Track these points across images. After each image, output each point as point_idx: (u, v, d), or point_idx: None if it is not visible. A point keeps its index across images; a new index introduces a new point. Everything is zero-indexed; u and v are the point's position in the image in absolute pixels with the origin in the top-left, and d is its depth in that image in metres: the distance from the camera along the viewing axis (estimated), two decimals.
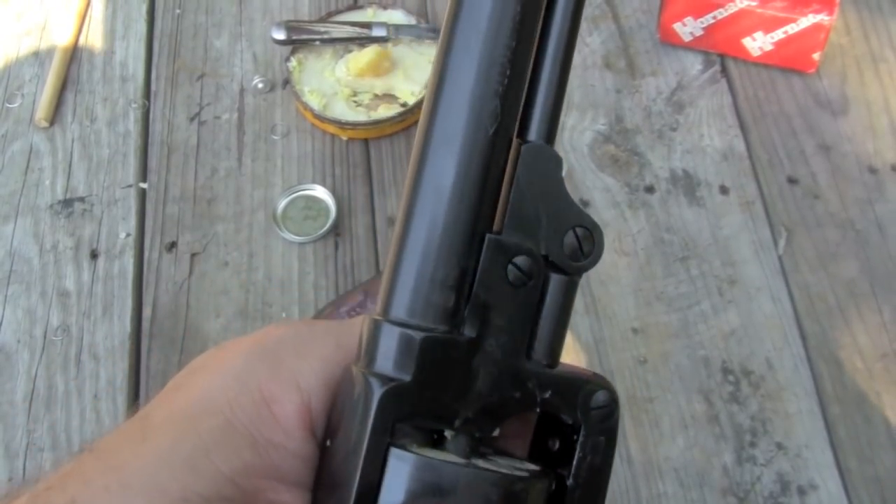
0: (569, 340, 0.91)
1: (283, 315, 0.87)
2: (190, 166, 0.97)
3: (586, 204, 0.92)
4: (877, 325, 0.85)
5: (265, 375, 0.28)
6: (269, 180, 0.95)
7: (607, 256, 0.88)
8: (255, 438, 0.27)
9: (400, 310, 0.28)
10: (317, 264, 0.90)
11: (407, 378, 0.27)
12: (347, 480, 0.26)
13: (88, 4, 1.09)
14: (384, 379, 0.27)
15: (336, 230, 0.92)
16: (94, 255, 0.91)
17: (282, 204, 0.93)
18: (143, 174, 0.97)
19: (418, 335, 0.27)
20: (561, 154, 0.29)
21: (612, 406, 0.29)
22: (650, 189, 0.93)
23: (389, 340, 0.27)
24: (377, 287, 0.84)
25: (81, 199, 0.95)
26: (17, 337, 0.87)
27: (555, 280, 0.28)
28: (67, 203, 0.95)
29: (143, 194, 0.95)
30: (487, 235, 0.28)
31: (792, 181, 0.93)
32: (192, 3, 1.08)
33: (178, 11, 1.08)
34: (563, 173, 0.29)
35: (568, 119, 0.97)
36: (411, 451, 0.27)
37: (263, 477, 0.27)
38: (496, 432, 0.29)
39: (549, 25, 0.29)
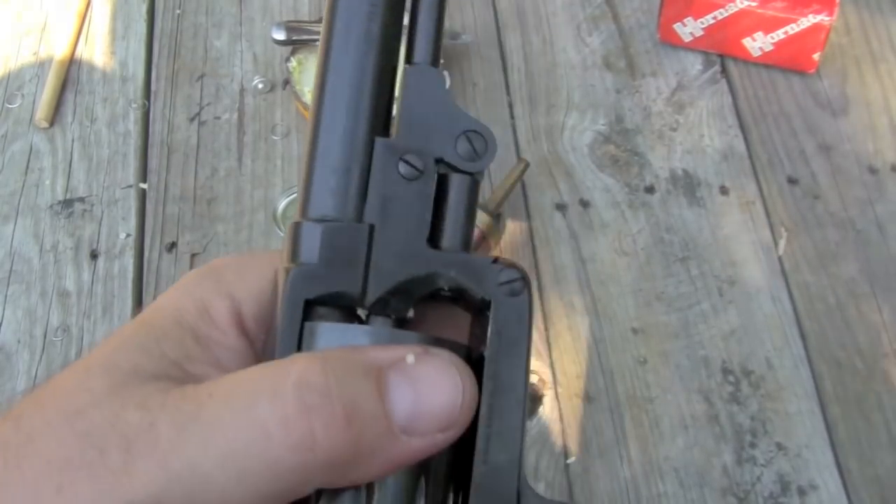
0: (569, 340, 0.91)
1: None
2: (190, 166, 0.97)
3: (586, 204, 0.92)
4: (877, 325, 0.85)
5: (208, 288, 0.33)
6: (269, 180, 0.95)
7: (607, 256, 0.88)
8: (196, 333, 0.32)
9: (308, 210, 0.32)
10: None
11: (313, 262, 0.31)
12: (269, 359, 0.30)
13: (88, 4, 1.09)
14: (296, 265, 0.31)
15: None
16: (94, 256, 0.92)
17: (282, 204, 0.93)
18: (143, 174, 0.97)
19: (321, 225, 0.31)
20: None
21: (520, 280, 0.31)
22: (650, 189, 0.93)
23: (299, 235, 0.31)
24: None
25: (81, 200, 0.95)
26: (17, 337, 0.87)
27: (456, 178, 0.32)
28: (67, 203, 0.95)
29: (143, 194, 0.95)
30: (377, 139, 0.32)
31: (792, 181, 0.93)
32: (192, 3, 1.08)
33: (178, 11, 1.08)
34: (447, 86, 0.34)
35: (568, 119, 0.97)
36: (327, 322, 0.30)
37: (203, 363, 0.32)
38: (410, 313, 0.32)
39: None
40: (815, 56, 0.97)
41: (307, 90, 0.98)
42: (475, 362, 0.31)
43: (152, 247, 0.92)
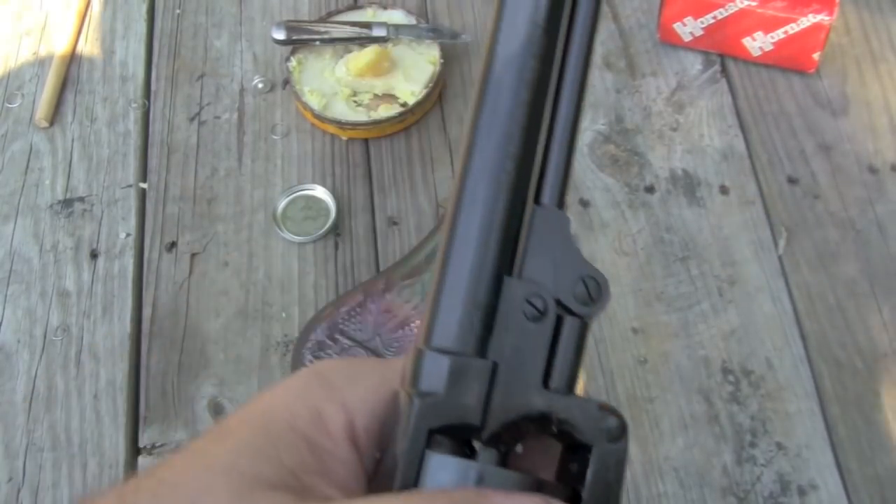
0: None
1: (283, 315, 0.87)
2: (190, 166, 0.97)
3: (586, 204, 0.92)
4: (877, 325, 0.85)
5: (320, 394, 0.34)
6: (269, 180, 0.95)
7: (607, 256, 0.88)
8: (310, 442, 0.33)
9: (435, 338, 0.33)
10: (317, 264, 0.90)
11: (440, 393, 0.32)
12: (390, 484, 0.32)
13: (88, 4, 1.09)
14: (421, 394, 0.32)
15: (336, 230, 0.92)
16: (94, 255, 0.92)
17: (282, 204, 0.93)
18: (143, 174, 0.97)
19: (449, 357, 0.32)
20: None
21: (621, 430, 0.33)
22: (650, 189, 0.93)
23: (425, 363, 0.33)
24: (377, 287, 0.84)
25: (81, 199, 0.95)
26: (17, 337, 0.87)
27: (569, 321, 0.34)
28: (67, 203, 0.95)
29: (143, 194, 0.95)
30: (506, 277, 0.33)
31: (792, 181, 0.93)
32: (192, 3, 1.08)
33: (178, 11, 1.08)
34: (572, 230, 0.35)
35: None
36: (445, 455, 0.32)
37: (316, 474, 0.32)
38: (519, 448, 0.34)
39: (557, 115, 0.35)
40: (815, 56, 0.97)
41: (307, 90, 0.98)
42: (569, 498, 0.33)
43: (152, 246, 0.92)
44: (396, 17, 1.04)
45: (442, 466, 0.31)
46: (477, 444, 0.33)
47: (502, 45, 0.36)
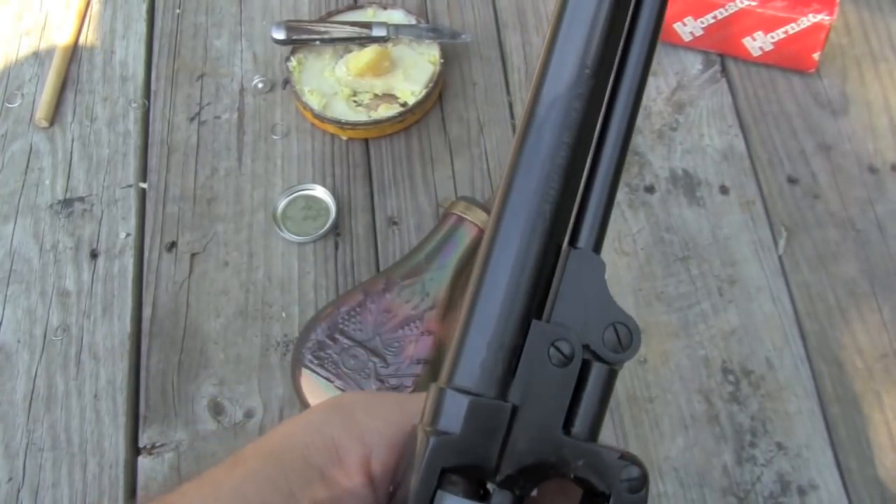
0: None
1: (283, 315, 0.87)
2: (190, 166, 0.97)
3: None
4: (877, 325, 0.85)
5: (338, 428, 0.34)
6: (269, 180, 0.95)
7: (607, 256, 0.88)
8: (324, 475, 0.33)
9: (457, 378, 0.33)
10: (317, 264, 0.90)
11: (456, 432, 0.32)
12: None
13: (88, 4, 1.09)
14: (437, 433, 0.32)
15: (336, 230, 0.92)
16: (94, 255, 0.92)
17: (282, 204, 0.93)
18: (143, 174, 0.97)
19: (468, 398, 0.32)
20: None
21: (641, 480, 0.33)
22: (650, 189, 0.93)
23: (444, 402, 0.32)
24: (377, 287, 0.84)
25: (81, 199, 0.95)
26: (17, 337, 0.87)
27: (596, 367, 0.33)
28: (67, 203, 0.95)
29: (143, 194, 0.95)
30: (533, 321, 0.33)
31: (792, 181, 0.93)
32: (192, 3, 1.08)
33: (178, 11, 1.08)
34: (605, 275, 0.35)
35: None
36: (457, 496, 0.32)
37: None
38: (534, 492, 0.34)
39: (600, 157, 0.36)
40: (815, 56, 0.97)
41: (307, 90, 0.98)
42: None
43: (152, 246, 0.92)
44: (396, 16, 1.04)
45: None
46: (492, 486, 0.33)
47: (549, 85, 0.35)
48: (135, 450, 0.82)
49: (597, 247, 0.35)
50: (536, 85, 0.36)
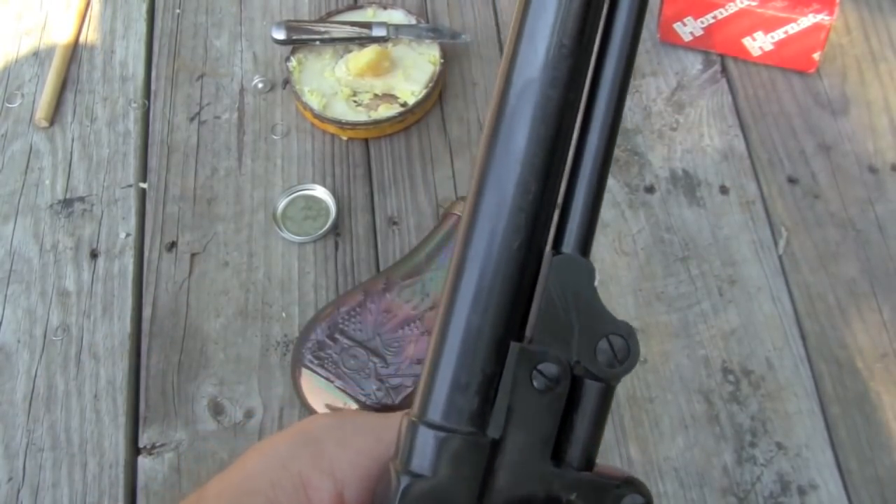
0: None
1: (283, 315, 0.87)
2: (190, 166, 0.97)
3: None
4: (877, 325, 0.85)
5: (306, 462, 0.30)
6: (269, 180, 0.95)
7: (607, 256, 0.88)
8: None
9: (429, 411, 0.29)
10: (317, 264, 0.90)
11: (428, 474, 0.29)
12: None
13: (88, 4, 1.09)
14: (410, 475, 0.29)
15: (336, 230, 0.92)
16: (94, 255, 0.92)
17: (282, 204, 0.93)
18: (143, 174, 0.97)
19: (440, 435, 0.29)
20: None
21: None
22: (650, 189, 0.93)
23: (415, 439, 0.29)
24: (377, 287, 0.84)
25: (81, 199, 0.95)
26: (17, 337, 0.87)
27: (589, 386, 0.30)
28: (67, 203, 0.95)
29: (143, 194, 0.95)
30: (512, 343, 0.29)
31: (792, 181, 0.93)
32: (192, 3, 1.08)
33: (178, 11, 1.08)
34: (596, 282, 0.31)
35: None
36: None
37: None
38: None
39: (584, 148, 0.30)
40: (815, 56, 0.97)
41: (307, 90, 0.98)
42: None
43: (152, 246, 0.92)
44: (396, 16, 1.04)
45: None
46: None
47: (519, 69, 0.30)
48: (135, 450, 0.82)
49: (584, 250, 0.31)
50: (505, 70, 0.31)
